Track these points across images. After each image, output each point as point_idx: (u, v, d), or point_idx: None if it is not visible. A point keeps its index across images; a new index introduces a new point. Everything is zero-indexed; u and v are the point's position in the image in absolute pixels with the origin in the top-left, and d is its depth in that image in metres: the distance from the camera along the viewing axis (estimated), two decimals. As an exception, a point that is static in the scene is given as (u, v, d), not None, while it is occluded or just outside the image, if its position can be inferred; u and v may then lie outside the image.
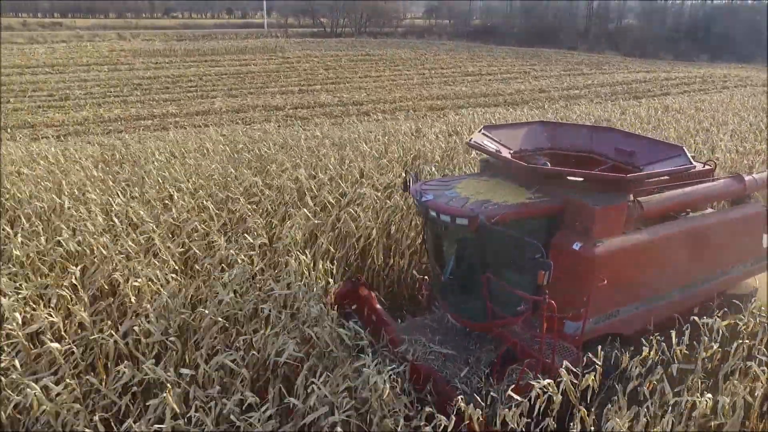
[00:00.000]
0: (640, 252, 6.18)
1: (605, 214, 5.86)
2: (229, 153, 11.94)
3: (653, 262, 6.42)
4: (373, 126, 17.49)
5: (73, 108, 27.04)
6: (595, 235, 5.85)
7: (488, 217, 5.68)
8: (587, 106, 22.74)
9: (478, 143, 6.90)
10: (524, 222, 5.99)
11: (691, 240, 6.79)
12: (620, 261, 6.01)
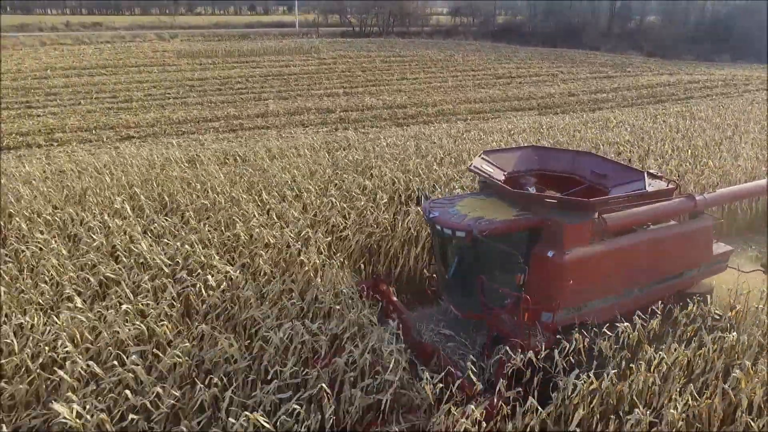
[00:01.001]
0: (602, 259, 7.59)
1: (573, 229, 7.28)
2: (327, 157, 14.18)
3: (614, 266, 7.77)
4: (428, 129, 19.66)
5: (139, 110, 29.42)
6: (564, 246, 7.25)
7: (480, 230, 7.09)
8: (618, 112, 24.69)
9: (477, 167, 8.44)
10: (511, 234, 7.42)
11: (648, 248, 8.14)
12: (585, 266, 7.41)
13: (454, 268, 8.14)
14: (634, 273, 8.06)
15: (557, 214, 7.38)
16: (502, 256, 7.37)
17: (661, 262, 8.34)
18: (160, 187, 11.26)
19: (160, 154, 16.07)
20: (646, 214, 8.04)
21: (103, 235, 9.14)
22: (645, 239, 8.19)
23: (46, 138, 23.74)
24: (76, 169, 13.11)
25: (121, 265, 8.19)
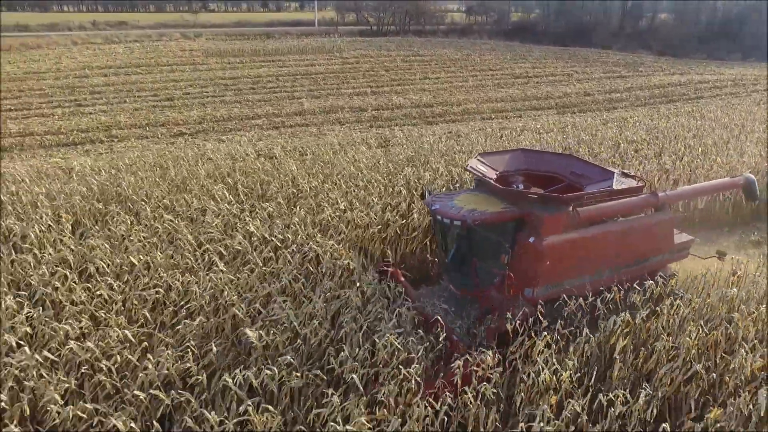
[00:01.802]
0: (575, 245, 8.80)
1: (551, 220, 8.50)
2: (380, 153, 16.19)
3: (585, 251, 8.96)
4: (462, 128, 21.62)
5: (182, 108, 31.45)
6: (543, 234, 8.48)
7: (473, 220, 8.49)
8: (633, 112, 26.58)
9: (473, 167, 9.84)
10: (500, 224, 8.73)
11: (616, 236, 9.34)
12: (560, 250, 8.61)
13: (452, 253, 9.45)
14: (604, 257, 9.31)
15: (538, 208, 8.70)
16: (491, 242, 8.87)
17: (628, 248, 9.58)
18: (249, 177, 13.32)
19: (235, 149, 18.20)
20: (614, 207, 9.31)
21: (215, 216, 11.20)
22: (614, 229, 9.43)
23: (105, 134, 25.86)
24: (167, 160, 15.20)
25: (237, 241, 10.20)
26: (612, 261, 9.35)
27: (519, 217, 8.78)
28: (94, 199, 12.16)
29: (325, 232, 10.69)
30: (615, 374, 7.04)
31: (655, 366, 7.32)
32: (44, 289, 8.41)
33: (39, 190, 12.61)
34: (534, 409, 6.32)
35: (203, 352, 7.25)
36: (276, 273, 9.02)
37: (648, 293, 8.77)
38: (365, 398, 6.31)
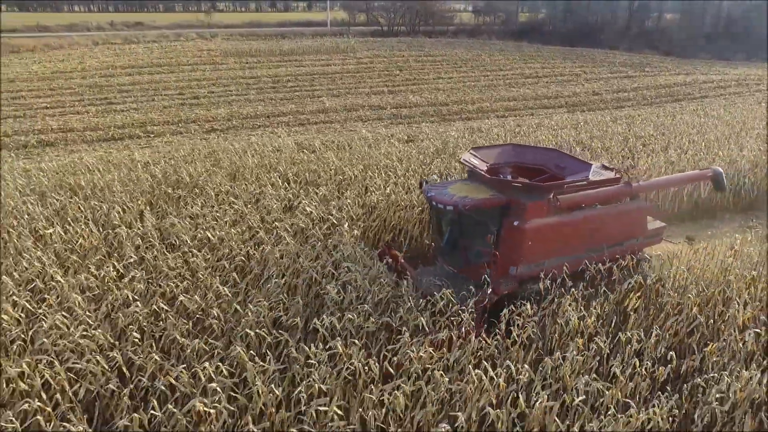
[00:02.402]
0: (555, 228, 9.80)
1: (533, 206, 9.54)
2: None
3: (564, 234, 9.98)
4: (481, 125, 23.10)
5: (209, 106, 32.95)
6: (526, 218, 9.49)
7: (463, 206, 9.44)
8: (641, 110, 28.01)
9: (466, 160, 10.83)
10: (488, 210, 9.73)
11: (593, 221, 10.30)
12: (541, 233, 9.63)
13: (447, 236, 10.48)
14: (581, 240, 10.29)
15: (522, 195, 9.74)
16: (480, 225, 9.89)
17: (604, 232, 10.54)
18: (296, 166, 14.84)
19: (277, 142, 19.75)
20: (590, 195, 10.27)
21: (274, 199, 12.72)
22: (591, 215, 10.36)
23: (141, 130, 27.40)
24: (218, 152, 16.76)
25: (299, 219, 11.71)
26: (589, 243, 10.36)
27: (505, 203, 9.84)
28: (163, 184, 13.71)
29: (372, 212, 12.18)
30: (630, 324, 8.52)
31: (663, 321, 8.79)
32: (142, 254, 9.97)
33: (111, 177, 14.16)
34: (565, 349, 7.79)
35: (288, 305, 8.77)
36: (335, 245, 10.52)
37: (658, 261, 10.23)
38: (429, 337, 7.81)
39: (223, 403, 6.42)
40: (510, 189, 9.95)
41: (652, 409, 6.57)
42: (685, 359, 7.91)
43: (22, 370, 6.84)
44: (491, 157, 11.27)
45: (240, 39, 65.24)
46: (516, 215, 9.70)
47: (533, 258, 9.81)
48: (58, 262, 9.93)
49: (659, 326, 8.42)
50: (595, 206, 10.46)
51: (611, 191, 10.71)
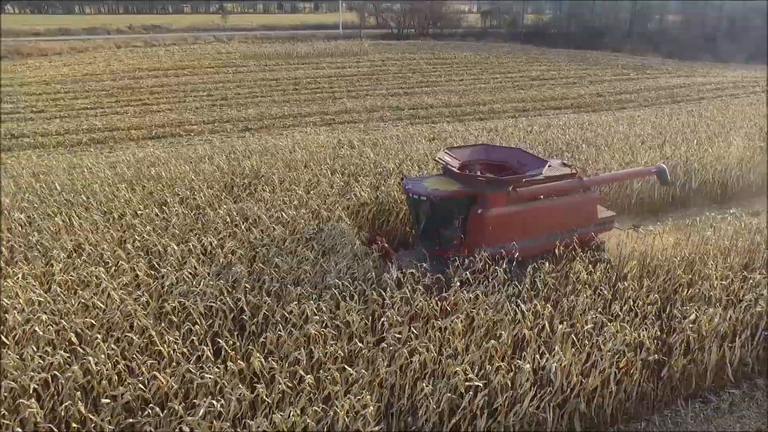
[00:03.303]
0: (514, 216, 11.51)
1: (494, 197, 11.23)
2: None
3: (522, 221, 11.62)
4: (496, 125, 25.45)
5: (238, 107, 35.28)
6: (488, 207, 11.24)
7: (435, 196, 11.12)
8: (641, 111, 30.32)
9: (440, 158, 12.47)
10: (456, 200, 11.32)
11: (548, 211, 12.05)
12: (502, 220, 11.33)
13: (423, 223, 12.06)
14: (538, 226, 11.88)
15: (485, 188, 11.41)
16: (450, 213, 11.54)
17: (558, 220, 12.13)
18: (342, 160, 17.21)
19: (318, 140, 22.15)
20: (545, 188, 12.04)
21: (329, 186, 15.10)
22: (546, 205, 12.09)
23: (181, 129, 29.78)
24: (270, 147, 19.16)
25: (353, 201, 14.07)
26: (545, 229, 11.96)
27: (471, 194, 11.50)
28: (229, 175, 16.11)
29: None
30: (628, 276, 10.86)
31: (654, 279, 11.11)
32: (233, 229, 12.36)
33: (185, 168, 16.56)
34: (578, 294, 10.12)
35: (360, 265, 11.13)
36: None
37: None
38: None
39: (329, 328, 8.79)
40: (475, 183, 11.69)
41: (642, 332, 8.93)
42: (668, 304, 10.26)
43: (179, 302, 9.24)
44: (464, 156, 13.00)
45: (256, 42, 67.60)
46: (480, 205, 11.52)
47: (495, 241, 11.46)
48: (164, 235, 12.30)
49: (650, 281, 10.77)
50: (551, 197, 12.29)
51: (564, 184, 12.52)
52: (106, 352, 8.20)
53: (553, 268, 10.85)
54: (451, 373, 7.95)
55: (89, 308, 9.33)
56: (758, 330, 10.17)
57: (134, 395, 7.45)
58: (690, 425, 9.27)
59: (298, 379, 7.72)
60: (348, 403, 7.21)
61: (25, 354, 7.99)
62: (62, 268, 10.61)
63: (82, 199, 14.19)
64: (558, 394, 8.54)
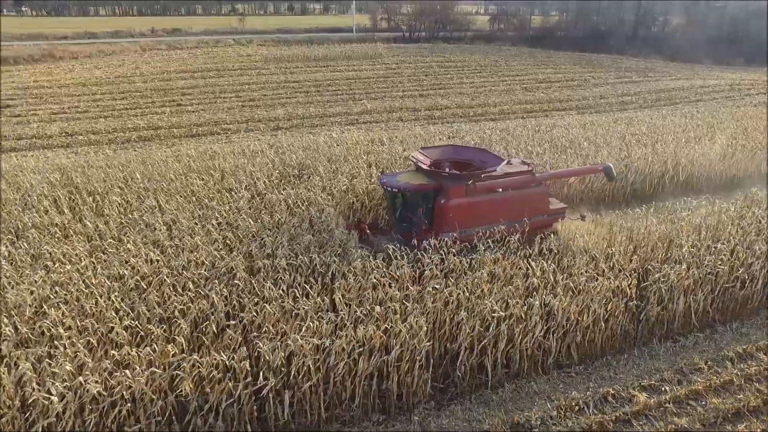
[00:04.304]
0: (472, 206, 13.55)
1: (455, 189, 13.36)
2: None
3: (480, 210, 13.60)
4: (506, 125, 28.21)
5: (267, 107, 38.05)
6: (450, 198, 13.37)
7: (406, 189, 13.52)
8: (640, 113, 33.02)
9: (414, 157, 14.86)
10: (423, 192, 13.61)
11: (503, 202, 14.06)
12: (461, 209, 13.37)
13: (399, 212, 14.22)
14: (494, 215, 13.75)
15: (448, 182, 13.62)
16: (418, 203, 13.80)
17: (513, 210, 14.12)
18: (375, 156, 19.99)
19: (348, 137, 24.94)
20: (501, 182, 14.20)
21: (368, 177, 17.87)
22: (502, 197, 14.18)
23: (219, 128, 32.59)
24: (311, 143, 22.02)
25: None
26: (501, 218, 13.88)
27: (436, 187, 13.73)
28: (280, 166, 18.94)
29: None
30: (615, 244, 13.60)
31: (638, 248, 13.82)
32: (293, 209, 15.19)
33: (243, 161, 19.39)
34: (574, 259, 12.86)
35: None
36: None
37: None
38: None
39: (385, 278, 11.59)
40: (440, 177, 13.90)
41: (624, 282, 11.72)
42: (647, 266, 13.00)
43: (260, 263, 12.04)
44: (435, 155, 15.11)
45: (273, 45, 70.35)
46: (442, 196, 13.70)
47: (456, 226, 13.54)
48: (239, 213, 15.11)
49: (633, 251, 13.51)
50: (508, 190, 14.40)
51: (518, 179, 14.62)
52: (219, 294, 11.00)
53: (558, 238, 13.59)
54: (480, 309, 10.74)
55: (197, 264, 12.12)
56: (718, 287, 12.91)
57: (250, 321, 10.27)
58: (662, 358, 12.01)
59: (368, 310, 10.51)
60: (408, 324, 10.00)
61: (157, 296, 10.83)
62: (166, 236, 13.44)
63: (163, 185, 17.02)
64: (560, 329, 11.31)
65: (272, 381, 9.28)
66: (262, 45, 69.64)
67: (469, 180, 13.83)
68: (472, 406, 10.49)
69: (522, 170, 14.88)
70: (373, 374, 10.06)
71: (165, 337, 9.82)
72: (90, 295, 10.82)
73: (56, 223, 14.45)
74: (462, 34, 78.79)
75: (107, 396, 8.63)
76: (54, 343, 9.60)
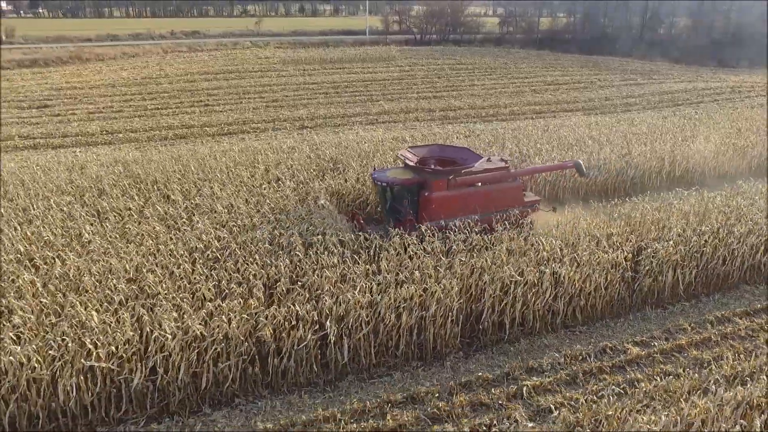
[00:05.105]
0: (452, 198, 15.30)
1: (437, 183, 15.12)
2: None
3: (460, 202, 15.28)
4: (518, 125, 30.43)
5: (290, 107, 40.32)
6: (432, 191, 15.12)
7: (394, 183, 15.36)
8: (643, 114, 35.18)
9: (402, 155, 16.41)
10: (410, 186, 15.35)
11: (481, 194, 15.76)
12: (443, 200, 15.13)
13: (389, 203, 15.94)
14: (473, 206, 15.53)
15: (431, 177, 15.27)
16: (402, 196, 15.63)
17: (490, 201, 15.94)
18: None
19: (374, 135, 27.23)
20: (479, 177, 15.99)
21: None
22: (480, 190, 15.95)
23: (248, 127, 34.92)
24: (341, 141, 24.32)
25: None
26: (480, 209, 15.70)
27: (421, 181, 15.54)
28: (316, 161, 21.25)
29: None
30: (614, 226, 15.81)
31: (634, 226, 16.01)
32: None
33: (283, 156, 21.71)
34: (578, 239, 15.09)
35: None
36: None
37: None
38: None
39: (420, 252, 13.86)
40: (424, 173, 15.57)
41: (620, 256, 13.94)
42: (641, 243, 15.20)
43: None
44: (422, 153, 16.62)
45: (289, 47, 72.69)
46: (426, 189, 15.51)
47: (439, 216, 15.47)
48: (287, 199, 17.40)
49: (630, 232, 15.72)
50: (487, 184, 16.28)
51: (495, 175, 16.46)
52: (283, 262, 13.28)
53: (567, 221, 15.85)
54: (500, 275, 13.00)
55: (259, 240, 14.40)
56: (702, 263, 15.11)
57: (312, 283, 12.56)
58: (653, 321, 14.23)
59: (409, 274, 12.78)
60: (442, 285, 12.27)
61: (231, 264, 13.14)
62: (229, 218, 15.75)
63: (217, 176, 19.35)
64: (566, 294, 13.55)
65: (334, 329, 11.54)
66: (279, 47, 71.92)
67: (450, 175, 15.67)
68: (494, 355, 12.74)
69: (499, 167, 16.67)
70: (413, 328, 12.33)
71: (244, 294, 12.10)
72: (176, 263, 13.13)
73: (130, 207, 16.79)
74: (472, 37, 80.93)
75: (207, 336, 10.92)
76: (153, 300, 11.91)
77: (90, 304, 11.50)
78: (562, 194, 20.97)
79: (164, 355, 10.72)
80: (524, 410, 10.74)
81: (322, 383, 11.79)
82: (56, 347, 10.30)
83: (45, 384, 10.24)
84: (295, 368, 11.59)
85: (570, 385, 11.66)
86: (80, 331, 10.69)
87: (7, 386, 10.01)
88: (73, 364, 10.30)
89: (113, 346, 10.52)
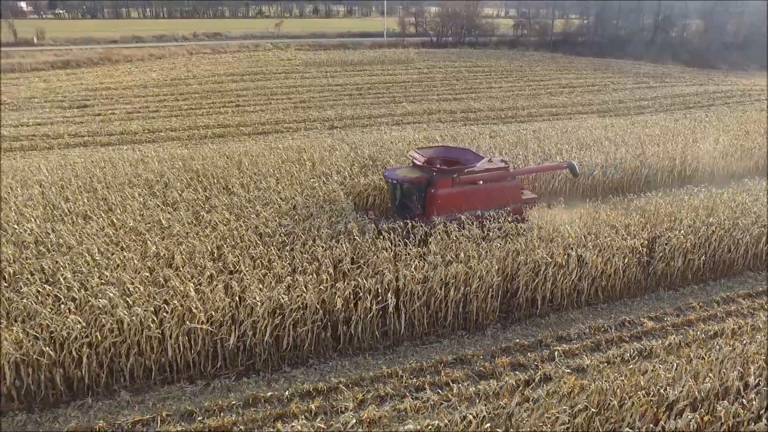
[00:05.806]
0: (456, 195, 16.71)
1: (442, 181, 16.68)
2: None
3: (463, 198, 16.73)
4: (538, 126, 32.37)
5: (318, 108, 42.28)
6: (438, 188, 16.68)
7: (402, 180, 17.03)
8: (655, 117, 37.00)
9: (411, 155, 18.13)
10: (418, 183, 16.87)
11: (483, 192, 17.15)
12: (448, 197, 16.61)
13: (399, 199, 17.45)
14: (475, 202, 16.97)
15: (437, 175, 16.77)
16: (411, 192, 17.16)
17: (491, 198, 17.37)
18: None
19: (406, 135, 29.23)
20: (480, 176, 17.32)
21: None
22: (482, 187, 17.32)
23: (280, 126, 36.99)
24: (377, 140, 26.37)
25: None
26: (481, 205, 17.19)
27: (428, 179, 16.97)
28: (356, 158, 23.29)
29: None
30: (631, 219, 17.73)
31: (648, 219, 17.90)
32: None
33: (325, 154, 23.77)
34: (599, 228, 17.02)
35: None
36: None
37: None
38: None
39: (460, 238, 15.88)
40: (431, 172, 17.07)
41: (636, 242, 15.89)
42: (655, 233, 17.13)
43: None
44: (429, 154, 18.34)
45: (309, 49, 74.66)
46: (432, 187, 16.94)
47: (444, 211, 16.81)
48: (336, 192, 19.43)
49: (645, 223, 17.63)
50: (488, 182, 17.64)
51: (495, 174, 17.85)
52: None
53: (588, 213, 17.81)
54: (532, 257, 14.99)
55: (320, 227, 16.44)
56: (710, 251, 17.03)
57: (372, 262, 14.59)
58: (665, 301, 16.17)
59: (455, 255, 14.80)
60: (483, 264, 14.29)
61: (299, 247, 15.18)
62: (289, 208, 17.80)
63: (270, 171, 21.43)
64: (590, 275, 15.53)
65: (393, 301, 13.57)
66: (299, 49, 73.80)
67: (455, 174, 17.19)
68: (528, 326, 14.78)
69: (499, 166, 18.13)
70: (459, 301, 14.34)
71: (315, 270, 14.16)
72: (251, 245, 15.20)
73: (196, 198, 18.89)
74: (487, 39, 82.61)
75: (288, 304, 12.98)
76: (233, 276, 13.97)
77: (184, 277, 13.57)
78: (581, 191, 22.88)
79: (253, 321, 12.78)
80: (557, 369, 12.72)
81: (382, 348, 13.84)
82: (166, 310, 12.39)
83: (157, 342, 12.34)
84: (360, 334, 13.61)
85: (594, 351, 13.63)
86: (182, 300, 12.77)
87: (128, 342, 12.12)
88: (179, 325, 12.39)
89: (210, 311, 12.60)
